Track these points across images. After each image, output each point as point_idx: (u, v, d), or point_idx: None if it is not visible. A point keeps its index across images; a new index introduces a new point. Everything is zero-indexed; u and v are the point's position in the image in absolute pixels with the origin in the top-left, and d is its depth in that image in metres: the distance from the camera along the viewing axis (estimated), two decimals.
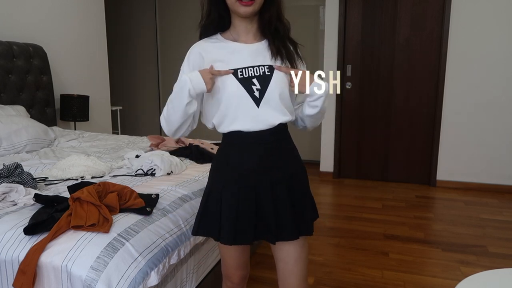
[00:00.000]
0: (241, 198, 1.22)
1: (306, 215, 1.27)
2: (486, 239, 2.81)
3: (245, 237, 1.23)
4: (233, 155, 1.25)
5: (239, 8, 1.17)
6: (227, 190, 1.24)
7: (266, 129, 1.22)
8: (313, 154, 4.99)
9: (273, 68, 1.22)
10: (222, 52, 1.24)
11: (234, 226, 1.22)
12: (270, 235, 1.23)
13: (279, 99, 1.21)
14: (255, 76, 1.20)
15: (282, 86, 1.22)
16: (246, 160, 1.22)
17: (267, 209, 1.22)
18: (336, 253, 2.60)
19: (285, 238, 1.23)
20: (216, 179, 1.28)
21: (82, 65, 3.91)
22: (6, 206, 1.51)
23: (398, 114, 4.16)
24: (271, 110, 1.21)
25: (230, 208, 1.22)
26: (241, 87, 1.19)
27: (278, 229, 1.22)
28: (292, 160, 1.29)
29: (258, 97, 1.19)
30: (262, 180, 1.22)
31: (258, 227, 1.23)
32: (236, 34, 1.26)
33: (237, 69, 1.20)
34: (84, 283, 1.18)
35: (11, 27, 3.15)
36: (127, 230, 1.36)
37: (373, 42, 4.13)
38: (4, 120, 2.58)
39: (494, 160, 3.92)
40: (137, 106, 5.85)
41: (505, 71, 3.77)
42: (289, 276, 1.28)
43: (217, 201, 1.25)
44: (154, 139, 2.73)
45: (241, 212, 1.22)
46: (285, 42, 1.27)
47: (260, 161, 1.22)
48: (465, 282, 1.27)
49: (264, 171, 1.22)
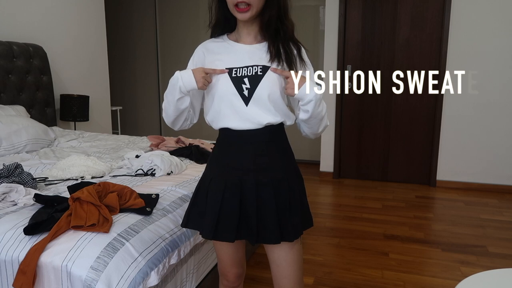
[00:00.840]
0: (226, 196, 1.23)
1: (292, 221, 1.24)
2: (486, 239, 2.81)
3: (227, 235, 1.23)
4: (222, 152, 1.28)
5: (236, 14, 1.22)
6: (213, 186, 1.26)
7: (255, 129, 1.23)
8: (313, 154, 4.99)
9: (266, 69, 1.23)
10: (222, 51, 1.28)
11: (215, 221, 1.22)
12: (252, 236, 1.23)
13: (267, 99, 1.21)
14: (246, 76, 1.22)
15: (272, 87, 1.22)
16: (234, 158, 1.24)
17: (250, 210, 1.22)
18: (336, 253, 2.60)
19: (266, 241, 1.23)
20: (206, 173, 1.32)
21: (82, 65, 3.91)
22: (6, 206, 1.51)
23: (398, 114, 4.16)
24: (259, 109, 1.22)
25: (214, 203, 1.24)
26: (232, 85, 1.22)
27: (259, 230, 1.22)
28: (283, 164, 1.27)
29: (247, 96, 1.21)
30: (247, 180, 1.23)
31: (241, 227, 1.23)
32: (238, 35, 1.30)
33: (232, 68, 1.24)
34: (84, 283, 1.18)
35: (11, 27, 3.16)
36: (127, 230, 1.36)
37: (373, 42, 4.13)
38: (4, 120, 2.58)
39: (494, 160, 3.92)
40: (137, 106, 5.85)
41: (505, 71, 3.77)
42: (282, 278, 1.29)
43: (204, 195, 1.28)
44: (154, 139, 2.73)
45: (224, 209, 1.22)
46: (286, 44, 1.27)
47: (247, 160, 1.23)
48: (465, 282, 1.27)
49: (250, 170, 1.23)
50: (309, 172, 4.58)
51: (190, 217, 1.32)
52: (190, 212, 1.32)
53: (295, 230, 1.24)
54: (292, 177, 1.27)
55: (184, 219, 1.34)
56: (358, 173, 4.39)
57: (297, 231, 1.25)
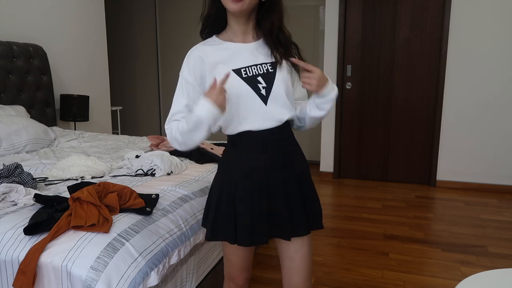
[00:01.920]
0: (255, 197, 1.21)
1: (316, 208, 1.30)
2: (486, 239, 2.81)
3: (261, 237, 1.23)
4: (242, 156, 1.24)
5: (227, 4, 1.15)
6: (240, 190, 1.22)
7: (273, 127, 1.22)
8: (313, 154, 4.99)
9: (275, 66, 1.22)
10: (221, 53, 1.22)
11: (250, 226, 1.21)
12: (284, 232, 1.23)
13: (285, 95, 1.21)
14: (259, 74, 1.20)
15: (286, 83, 1.22)
16: (257, 159, 1.22)
17: (280, 206, 1.22)
18: (336, 253, 2.60)
19: (299, 233, 1.24)
20: (226, 180, 1.26)
21: (82, 65, 3.91)
22: (6, 206, 1.51)
23: (398, 114, 4.16)
24: (279, 107, 1.21)
25: (245, 207, 1.21)
26: (247, 87, 1.18)
27: (292, 225, 1.23)
28: (299, 157, 1.30)
29: (265, 95, 1.19)
30: (273, 178, 1.22)
31: (271, 226, 1.23)
32: (232, 34, 1.25)
33: (240, 68, 1.20)
34: (84, 283, 1.18)
35: (11, 27, 3.16)
36: (127, 230, 1.36)
37: (373, 42, 4.13)
38: (4, 120, 2.58)
39: (494, 160, 3.92)
40: (137, 106, 5.85)
41: (505, 71, 3.77)
42: (295, 273, 1.28)
43: (230, 202, 1.23)
44: (154, 139, 2.73)
45: (256, 211, 1.21)
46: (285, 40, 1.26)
47: (271, 159, 1.22)
48: (465, 282, 1.27)
49: (274, 168, 1.22)
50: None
51: (215, 230, 1.26)
52: (214, 224, 1.26)
53: (320, 217, 1.30)
54: (307, 170, 1.31)
55: (208, 233, 1.28)
56: (358, 173, 4.39)
57: (321, 217, 1.31)
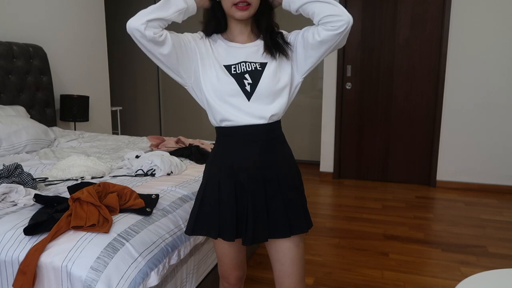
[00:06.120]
0: (238, 195, 1.23)
1: (299, 212, 1.27)
2: (486, 240, 2.81)
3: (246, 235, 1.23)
4: (227, 151, 1.27)
5: (235, 13, 1.21)
6: (224, 188, 1.25)
7: (258, 124, 1.23)
8: (313, 154, 4.99)
9: (264, 65, 1.25)
10: (218, 48, 1.29)
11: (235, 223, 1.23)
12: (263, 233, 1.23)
13: (269, 93, 1.23)
14: (247, 72, 1.24)
15: (273, 81, 1.24)
16: (240, 156, 1.24)
17: (260, 206, 1.23)
18: (336, 253, 2.60)
19: (277, 235, 1.24)
20: (212, 173, 1.29)
21: (82, 65, 3.91)
22: (6, 207, 1.51)
23: (398, 114, 4.16)
24: (262, 104, 1.23)
25: (229, 204, 1.23)
26: (234, 82, 1.22)
27: (269, 227, 1.23)
28: (286, 159, 1.30)
29: (249, 91, 1.22)
30: (254, 177, 1.23)
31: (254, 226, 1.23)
32: (231, 35, 1.31)
33: (230, 65, 1.25)
34: (84, 284, 1.18)
35: (11, 28, 3.16)
36: (127, 230, 1.36)
37: (373, 42, 4.13)
38: (4, 121, 2.58)
39: (494, 160, 3.92)
40: (137, 106, 5.85)
41: (505, 71, 3.77)
42: (285, 277, 1.28)
43: (214, 197, 1.26)
44: (154, 139, 2.73)
45: (239, 208, 1.23)
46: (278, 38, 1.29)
47: (254, 158, 1.24)
48: (465, 282, 1.27)
49: (257, 168, 1.24)
50: (309, 172, 4.58)
51: (197, 223, 1.28)
52: (197, 217, 1.28)
53: (306, 222, 1.28)
54: (293, 172, 1.30)
55: (190, 226, 1.29)
56: (358, 173, 4.39)
57: (308, 223, 1.29)
